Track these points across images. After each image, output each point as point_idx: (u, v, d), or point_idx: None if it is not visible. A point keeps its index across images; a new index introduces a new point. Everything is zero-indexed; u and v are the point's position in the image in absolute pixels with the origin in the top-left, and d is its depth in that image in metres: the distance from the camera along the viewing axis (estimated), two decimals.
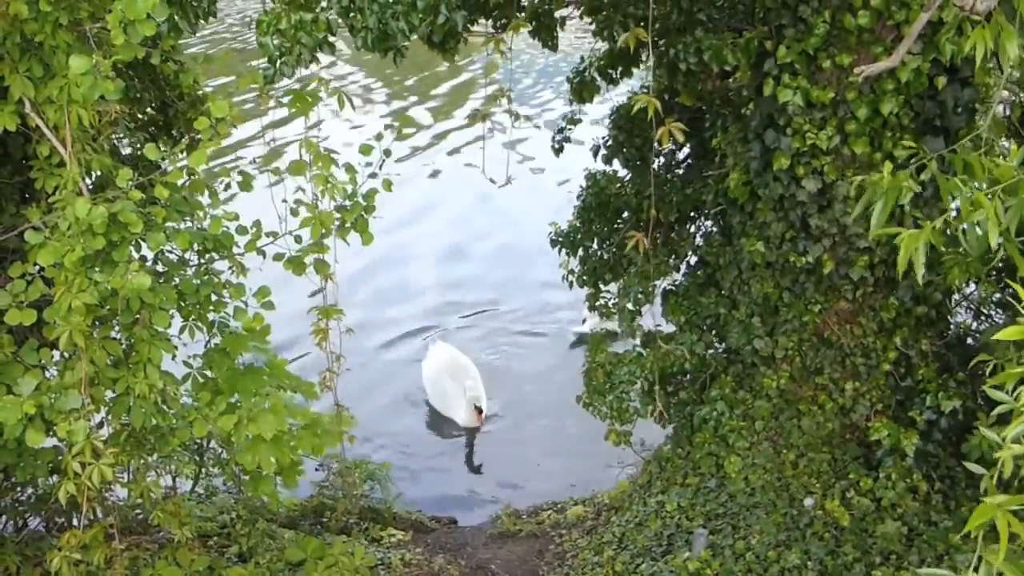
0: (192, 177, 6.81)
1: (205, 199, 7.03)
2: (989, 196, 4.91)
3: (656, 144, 8.11)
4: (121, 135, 8.31)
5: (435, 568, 10.03)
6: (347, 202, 6.83)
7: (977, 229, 4.88)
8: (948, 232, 5.56)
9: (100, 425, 6.72)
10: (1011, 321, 8.20)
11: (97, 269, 5.82)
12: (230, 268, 7.26)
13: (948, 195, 5.27)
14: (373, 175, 6.92)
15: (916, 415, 8.77)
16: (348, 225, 6.78)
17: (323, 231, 6.70)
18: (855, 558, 8.58)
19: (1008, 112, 9.34)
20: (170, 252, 7.20)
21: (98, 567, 7.19)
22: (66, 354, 6.35)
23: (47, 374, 6.51)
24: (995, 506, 3.48)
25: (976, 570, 3.66)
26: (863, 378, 9.18)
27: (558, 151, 11.29)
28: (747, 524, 9.13)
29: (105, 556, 6.78)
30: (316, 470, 11.24)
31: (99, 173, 6.75)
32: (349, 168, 6.92)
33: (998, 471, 3.84)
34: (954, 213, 5.52)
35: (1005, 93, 9.33)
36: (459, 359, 15.97)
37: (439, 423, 15.41)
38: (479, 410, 14.94)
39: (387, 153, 7.02)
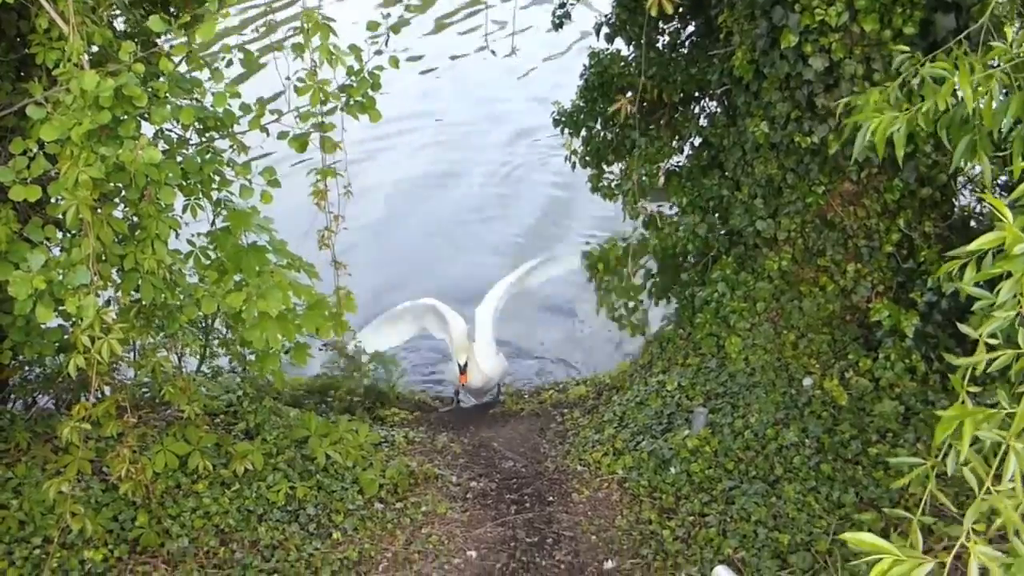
0: (189, 54, 6.71)
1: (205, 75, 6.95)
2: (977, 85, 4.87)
3: (660, 22, 7.95)
4: (117, 12, 8.16)
5: (438, 445, 10.17)
6: (353, 79, 6.74)
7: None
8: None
9: (108, 304, 6.75)
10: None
11: (102, 144, 5.76)
12: (231, 147, 7.21)
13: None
14: (379, 52, 6.81)
15: (917, 297, 8.79)
16: (353, 103, 6.70)
17: (325, 104, 6.61)
18: (852, 436, 8.70)
19: None
20: (170, 131, 7.14)
21: (108, 442, 7.32)
22: (71, 232, 6.34)
23: (52, 253, 6.50)
24: (958, 415, 3.56)
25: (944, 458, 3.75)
26: (865, 260, 9.19)
27: (558, 26, 11.11)
28: (746, 403, 9.23)
29: (116, 430, 6.88)
30: (320, 350, 11.31)
31: (97, 48, 6.64)
32: (353, 48, 6.80)
33: (969, 369, 3.90)
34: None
35: None
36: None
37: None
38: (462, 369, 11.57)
39: (395, 30, 6.89)
